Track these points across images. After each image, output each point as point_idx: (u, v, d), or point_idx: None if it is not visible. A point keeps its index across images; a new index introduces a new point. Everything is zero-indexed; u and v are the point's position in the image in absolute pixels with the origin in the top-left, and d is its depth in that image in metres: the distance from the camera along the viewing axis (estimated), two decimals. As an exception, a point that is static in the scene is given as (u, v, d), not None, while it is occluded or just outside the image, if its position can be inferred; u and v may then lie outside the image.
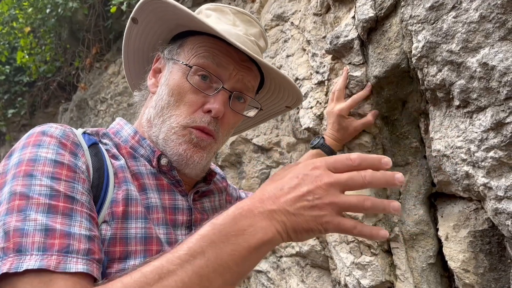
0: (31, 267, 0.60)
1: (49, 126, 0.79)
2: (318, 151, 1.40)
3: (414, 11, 1.06)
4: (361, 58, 1.35)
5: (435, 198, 1.31)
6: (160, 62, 1.00)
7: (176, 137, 0.89)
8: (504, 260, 1.06)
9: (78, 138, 0.81)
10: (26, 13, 4.88)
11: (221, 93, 0.91)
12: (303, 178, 0.68)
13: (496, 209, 0.95)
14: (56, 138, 0.76)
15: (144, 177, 0.88)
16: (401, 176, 0.67)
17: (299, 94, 1.11)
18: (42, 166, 0.71)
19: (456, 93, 0.99)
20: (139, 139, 0.93)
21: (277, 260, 2.15)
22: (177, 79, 0.92)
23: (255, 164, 2.31)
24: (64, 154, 0.75)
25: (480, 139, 0.95)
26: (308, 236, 0.68)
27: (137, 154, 0.91)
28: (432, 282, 1.27)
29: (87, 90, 4.50)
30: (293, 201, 0.67)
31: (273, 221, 0.66)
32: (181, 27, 0.98)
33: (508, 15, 0.86)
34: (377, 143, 1.41)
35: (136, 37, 1.03)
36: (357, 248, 1.44)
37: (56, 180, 0.70)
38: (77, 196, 0.71)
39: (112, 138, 0.92)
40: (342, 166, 0.68)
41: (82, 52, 4.58)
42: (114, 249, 0.76)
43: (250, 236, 0.65)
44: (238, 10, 1.01)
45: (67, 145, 0.76)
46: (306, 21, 1.73)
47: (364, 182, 0.66)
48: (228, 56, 0.92)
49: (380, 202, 0.67)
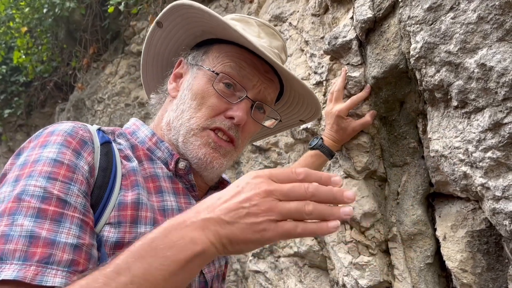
0: (7, 277, 0.59)
1: (59, 124, 0.79)
2: (317, 152, 1.40)
3: (412, 12, 1.07)
4: (360, 58, 1.36)
5: (433, 198, 1.31)
6: (182, 67, 1.00)
7: (195, 139, 0.89)
8: (501, 260, 1.07)
9: (91, 134, 0.81)
10: (23, 13, 4.86)
11: (245, 102, 0.92)
12: (244, 187, 0.64)
13: (493, 209, 0.95)
14: (62, 136, 0.76)
15: (160, 179, 0.88)
16: (352, 194, 0.64)
17: (317, 105, 1.12)
18: (41, 166, 0.70)
19: (454, 93, 0.99)
20: (156, 141, 0.92)
21: (275, 261, 2.16)
22: (202, 84, 0.92)
23: (253, 165, 2.31)
24: (66, 153, 0.74)
25: (478, 140, 0.95)
26: (246, 248, 0.64)
27: (154, 156, 0.91)
28: (430, 282, 1.28)
29: (84, 90, 4.48)
30: (229, 210, 0.63)
31: (206, 231, 0.62)
32: (207, 34, 0.99)
33: (506, 16, 0.87)
34: (375, 143, 1.41)
35: (159, 41, 1.03)
36: (355, 248, 1.45)
37: (52, 180, 0.69)
38: (71, 200, 0.69)
39: (129, 138, 0.92)
40: (286, 178, 0.65)
41: (79, 52, 4.56)
42: None
43: (180, 248, 0.61)
44: (262, 22, 1.03)
45: (71, 143, 0.76)
46: (304, 21, 1.73)
47: (306, 193, 0.62)
48: (253, 66, 0.94)
49: (326, 207, 0.63)
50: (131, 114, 3.75)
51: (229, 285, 2.64)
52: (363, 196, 1.41)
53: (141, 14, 3.67)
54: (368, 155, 1.40)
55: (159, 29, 1.00)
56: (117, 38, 4.26)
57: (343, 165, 1.47)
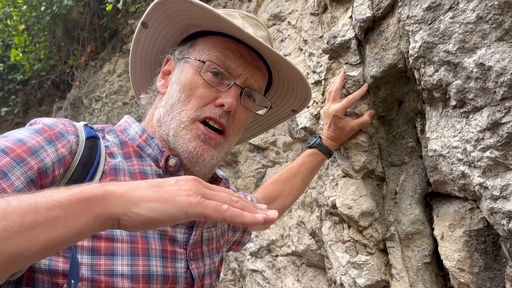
0: None
1: (41, 118, 0.79)
2: (315, 150, 1.40)
3: (411, 12, 1.07)
4: (358, 58, 1.36)
5: (431, 197, 1.32)
6: (170, 63, 1.01)
7: (185, 132, 0.89)
8: (499, 259, 1.07)
9: (76, 129, 0.80)
10: (20, 11, 4.85)
11: (233, 89, 0.92)
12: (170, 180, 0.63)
13: (491, 208, 0.96)
14: (41, 125, 0.76)
15: (148, 177, 0.87)
16: (274, 213, 0.63)
17: (307, 90, 1.10)
18: (3, 140, 0.70)
19: (452, 93, 0.99)
20: (146, 138, 0.92)
21: (272, 260, 2.16)
22: (189, 75, 0.93)
23: (251, 164, 2.31)
24: (35, 138, 0.73)
25: (476, 139, 0.96)
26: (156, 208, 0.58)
27: (144, 153, 0.90)
28: (427, 281, 1.28)
29: (81, 88, 4.47)
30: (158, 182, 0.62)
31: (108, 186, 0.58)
32: (192, 28, 0.99)
33: (505, 16, 0.87)
34: (374, 142, 1.41)
35: (145, 42, 1.03)
36: (353, 247, 1.45)
37: (2, 153, 0.67)
38: (10, 176, 0.65)
39: (119, 135, 0.91)
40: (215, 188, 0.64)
41: (76, 50, 4.55)
42: (99, 244, 0.75)
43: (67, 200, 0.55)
44: (246, 14, 1.03)
45: (46, 132, 0.75)
46: (303, 20, 1.73)
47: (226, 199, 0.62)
48: (239, 55, 0.94)
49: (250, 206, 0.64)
50: (129, 112, 3.75)
51: (226, 284, 2.64)
52: (361, 195, 1.41)
53: (139, 12, 3.66)
54: (366, 155, 1.40)
55: (145, 30, 1.00)
56: (115, 37, 4.25)
57: (342, 164, 1.47)
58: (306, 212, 1.84)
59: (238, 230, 1.25)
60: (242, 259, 2.44)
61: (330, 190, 1.52)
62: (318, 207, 1.70)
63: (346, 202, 1.43)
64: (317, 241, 1.79)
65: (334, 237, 1.53)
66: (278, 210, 1.38)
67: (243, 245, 1.31)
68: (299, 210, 1.89)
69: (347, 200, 1.43)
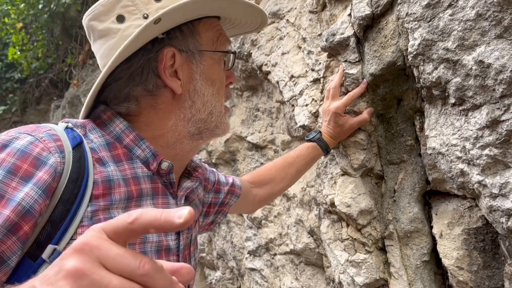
0: None
1: (18, 135, 0.71)
2: (314, 144, 1.40)
3: (411, 9, 1.06)
4: (357, 55, 1.35)
5: (430, 196, 1.31)
6: (176, 58, 0.87)
7: (224, 119, 0.97)
8: (497, 258, 1.07)
9: (61, 142, 0.74)
10: (18, 9, 4.83)
11: None
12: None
13: (490, 206, 0.95)
14: (13, 156, 0.68)
15: (140, 180, 0.84)
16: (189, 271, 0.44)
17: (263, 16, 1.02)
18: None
19: (451, 91, 0.99)
20: (135, 138, 0.86)
21: (270, 258, 2.15)
22: (215, 70, 0.95)
23: (250, 162, 2.30)
24: (9, 184, 0.66)
25: (475, 137, 0.95)
26: None
27: (133, 155, 0.85)
28: (426, 280, 1.28)
29: (79, 87, 4.46)
30: None
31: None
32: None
33: (505, 13, 0.86)
34: (372, 140, 1.41)
35: None
36: (351, 245, 1.45)
37: None
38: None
39: (104, 134, 0.85)
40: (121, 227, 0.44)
41: (74, 49, 4.54)
42: None
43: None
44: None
45: (21, 168, 0.68)
46: (302, 18, 1.72)
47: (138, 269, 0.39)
48: None
49: None
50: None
51: (224, 282, 2.64)
52: (359, 194, 1.41)
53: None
54: (365, 153, 1.40)
55: None
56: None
57: (340, 162, 1.47)
58: (305, 210, 1.84)
59: (211, 214, 1.21)
60: (240, 257, 2.44)
61: (328, 189, 1.52)
62: (316, 206, 1.70)
63: (345, 200, 1.43)
64: (316, 239, 1.79)
65: (332, 236, 1.53)
66: (265, 195, 1.40)
67: (217, 224, 1.28)
68: (298, 209, 1.89)
69: (345, 198, 1.43)
